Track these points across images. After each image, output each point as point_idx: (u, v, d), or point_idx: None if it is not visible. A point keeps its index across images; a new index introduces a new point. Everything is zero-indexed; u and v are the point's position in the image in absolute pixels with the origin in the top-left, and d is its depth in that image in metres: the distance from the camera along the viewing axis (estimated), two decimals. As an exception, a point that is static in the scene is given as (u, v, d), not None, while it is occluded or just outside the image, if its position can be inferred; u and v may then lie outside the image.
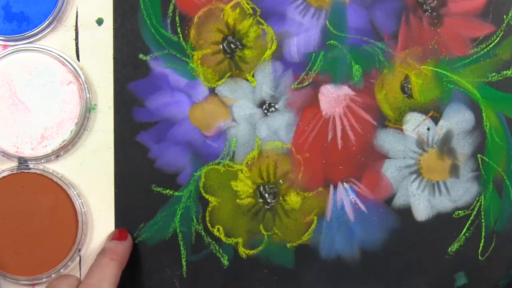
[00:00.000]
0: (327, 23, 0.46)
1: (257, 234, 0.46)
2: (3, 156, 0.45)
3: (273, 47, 0.46)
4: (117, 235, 0.45)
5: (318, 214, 0.46)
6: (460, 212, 0.46)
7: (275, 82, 0.46)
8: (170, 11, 0.46)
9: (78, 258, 0.46)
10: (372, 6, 0.46)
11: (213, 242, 0.46)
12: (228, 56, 0.46)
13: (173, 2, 0.46)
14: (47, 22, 0.45)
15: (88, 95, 0.45)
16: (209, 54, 0.46)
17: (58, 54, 0.45)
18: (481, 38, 0.46)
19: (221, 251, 0.47)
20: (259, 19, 0.46)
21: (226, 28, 0.46)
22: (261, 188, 0.46)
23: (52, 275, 0.45)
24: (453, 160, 0.46)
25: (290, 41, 0.46)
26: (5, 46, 0.45)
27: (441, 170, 0.46)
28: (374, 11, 0.46)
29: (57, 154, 0.45)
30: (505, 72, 0.46)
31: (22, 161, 0.45)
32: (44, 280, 0.46)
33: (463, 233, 0.46)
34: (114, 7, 0.46)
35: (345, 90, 0.46)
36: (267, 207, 0.46)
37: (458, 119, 0.46)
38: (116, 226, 0.46)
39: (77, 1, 0.45)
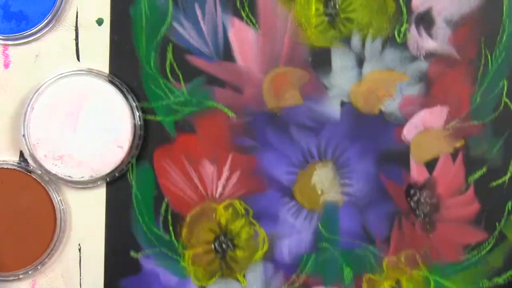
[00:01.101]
0: (319, 225, 0.46)
1: None
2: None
3: (265, 248, 0.46)
4: None
5: None
6: None
7: (266, 283, 0.46)
8: (162, 209, 0.46)
9: (78, 257, 0.46)
10: (365, 210, 0.46)
11: None
12: (219, 255, 0.46)
13: (165, 201, 0.46)
14: (46, 21, 0.44)
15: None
16: (200, 253, 0.46)
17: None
18: (473, 244, 0.46)
19: None
20: (251, 219, 0.46)
21: (218, 227, 0.46)
22: None
23: (29, 272, 0.45)
24: None
25: (282, 242, 0.46)
26: (4, 46, 0.45)
27: None
28: (367, 215, 0.46)
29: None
30: (496, 279, 0.46)
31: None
32: (21, 277, 0.45)
33: None
34: (106, 203, 0.46)
35: (336, 293, 0.46)
36: None
37: (448, 326, 0.46)
38: None
39: (76, 1, 0.45)
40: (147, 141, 0.46)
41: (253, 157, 0.46)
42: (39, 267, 0.45)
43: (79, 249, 0.46)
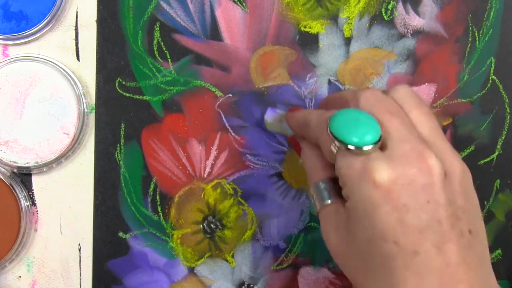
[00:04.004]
0: (308, 205, 0.46)
1: None
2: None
3: (253, 228, 0.46)
4: None
5: None
6: None
7: (255, 263, 0.46)
8: (151, 189, 0.46)
9: (78, 257, 0.46)
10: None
11: None
12: (208, 236, 0.46)
13: (154, 181, 0.46)
14: (46, 21, 0.44)
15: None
16: (189, 233, 0.46)
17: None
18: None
19: None
20: (239, 199, 0.46)
21: (206, 208, 0.46)
22: None
23: None
24: None
25: (271, 222, 0.46)
26: (4, 46, 0.45)
27: None
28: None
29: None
30: None
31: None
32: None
33: None
34: (94, 184, 0.46)
35: (325, 272, 0.46)
36: None
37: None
38: None
39: (76, 1, 0.45)
40: (135, 120, 0.45)
41: (241, 136, 0.46)
42: (7, 265, 0.45)
43: (79, 249, 0.46)
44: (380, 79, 0.45)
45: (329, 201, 0.35)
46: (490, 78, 0.45)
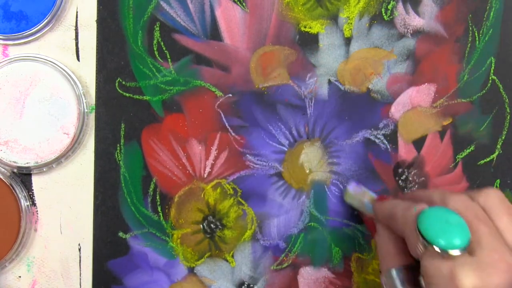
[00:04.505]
0: (308, 205, 0.46)
1: None
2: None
3: (253, 228, 0.46)
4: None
5: None
6: None
7: (255, 263, 0.46)
8: (151, 189, 0.46)
9: (78, 257, 0.46)
10: (353, 189, 0.46)
11: None
12: (208, 236, 0.46)
13: (153, 181, 0.46)
14: (46, 21, 0.44)
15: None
16: (189, 233, 0.46)
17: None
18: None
19: None
20: (239, 199, 0.46)
21: (206, 207, 0.46)
22: None
23: None
24: None
25: (270, 222, 0.46)
26: (4, 46, 0.45)
27: None
28: (355, 194, 0.46)
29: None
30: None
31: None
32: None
33: None
34: (95, 184, 0.46)
35: (324, 272, 0.46)
36: None
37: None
38: None
39: (76, 1, 0.45)
40: (135, 120, 0.45)
41: (241, 136, 0.46)
42: (7, 265, 0.45)
43: (79, 249, 0.46)
44: (380, 79, 0.45)
45: None
46: (490, 78, 0.45)
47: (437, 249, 0.32)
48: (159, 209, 0.46)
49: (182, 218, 0.46)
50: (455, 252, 0.31)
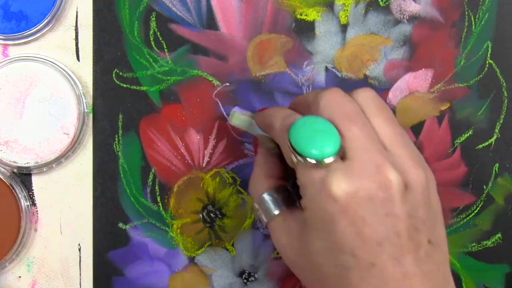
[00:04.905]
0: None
1: None
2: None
3: (253, 217, 0.46)
4: None
5: None
6: None
7: (255, 252, 0.46)
8: (150, 180, 0.46)
9: (78, 257, 0.46)
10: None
11: None
12: (207, 225, 0.46)
13: (153, 171, 0.46)
14: (46, 21, 0.44)
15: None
16: (188, 223, 0.46)
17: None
18: (460, 208, 0.46)
19: None
20: (239, 188, 0.46)
21: (206, 197, 0.46)
22: None
23: None
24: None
25: (270, 210, 0.46)
26: (4, 46, 0.45)
27: None
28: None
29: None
30: (485, 242, 0.46)
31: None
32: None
33: None
34: (93, 175, 0.46)
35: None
36: None
37: (438, 290, 0.46)
38: None
39: (76, 1, 0.45)
40: (133, 111, 0.45)
41: (239, 125, 0.46)
42: (7, 265, 0.45)
43: (79, 249, 0.46)
44: (377, 65, 0.45)
45: (278, 212, 0.35)
46: (487, 62, 0.45)
47: (309, 159, 0.31)
48: (158, 199, 0.46)
49: (182, 208, 0.46)
50: (327, 160, 0.31)
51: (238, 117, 0.41)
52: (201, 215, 0.46)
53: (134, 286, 0.46)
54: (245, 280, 0.46)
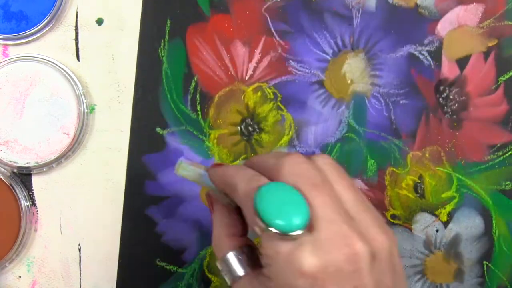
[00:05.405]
0: (347, 115, 0.46)
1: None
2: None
3: (291, 134, 0.46)
4: None
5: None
6: (462, 318, 0.46)
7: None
8: (191, 87, 0.46)
9: (78, 257, 0.46)
10: (393, 103, 0.46)
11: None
12: (245, 138, 0.46)
13: (195, 79, 0.46)
14: (46, 21, 0.45)
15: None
16: (226, 134, 0.46)
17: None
18: (498, 145, 0.46)
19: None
20: (279, 104, 0.46)
21: (245, 110, 0.46)
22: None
23: None
24: (458, 265, 0.46)
25: (308, 129, 0.46)
26: (4, 46, 0.45)
27: (446, 273, 0.46)
28: (395, 108, 0.46)
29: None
30: (519, 181, 0.46)
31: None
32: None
33: None
34: (136, 78, 0.46)
35: (358, 184, 0.46)
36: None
37: (467, 224, 0.46)
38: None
39: (76, 1, 0.45)
40: (181, 17, 0.45)
41: (285, 42, 0.46)
42: (7, 265, 0.45)
43: (79, 249, 0.46)
44: (429, -7, 0.45)
45: (243, 273, 0.33)
46: (540, 1, 0.45)
47: (275, 231, 0.29)
48: (198, 107, 0.46)
49: (221, 118, 0.46)
50: (295, 233, 0.29)
51: (185, 168, 0.37)
52: (239, 128, 0.46)
53: (164, 192, 0.46)
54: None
